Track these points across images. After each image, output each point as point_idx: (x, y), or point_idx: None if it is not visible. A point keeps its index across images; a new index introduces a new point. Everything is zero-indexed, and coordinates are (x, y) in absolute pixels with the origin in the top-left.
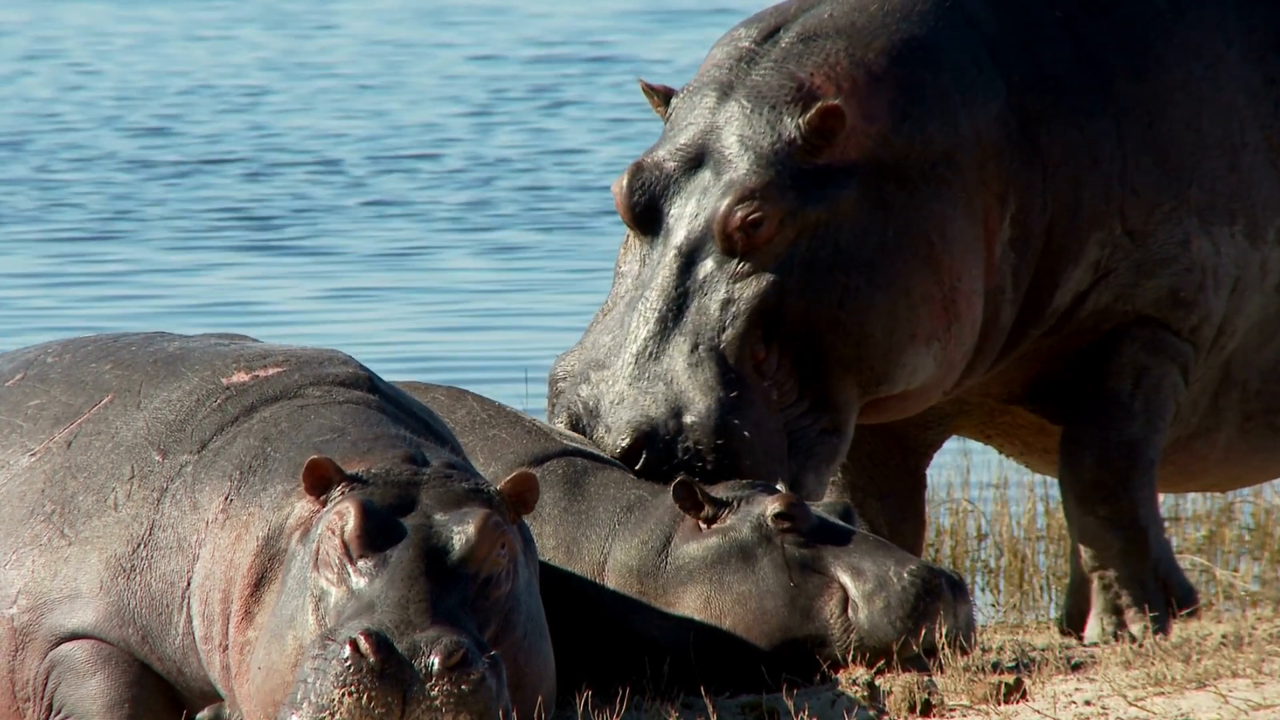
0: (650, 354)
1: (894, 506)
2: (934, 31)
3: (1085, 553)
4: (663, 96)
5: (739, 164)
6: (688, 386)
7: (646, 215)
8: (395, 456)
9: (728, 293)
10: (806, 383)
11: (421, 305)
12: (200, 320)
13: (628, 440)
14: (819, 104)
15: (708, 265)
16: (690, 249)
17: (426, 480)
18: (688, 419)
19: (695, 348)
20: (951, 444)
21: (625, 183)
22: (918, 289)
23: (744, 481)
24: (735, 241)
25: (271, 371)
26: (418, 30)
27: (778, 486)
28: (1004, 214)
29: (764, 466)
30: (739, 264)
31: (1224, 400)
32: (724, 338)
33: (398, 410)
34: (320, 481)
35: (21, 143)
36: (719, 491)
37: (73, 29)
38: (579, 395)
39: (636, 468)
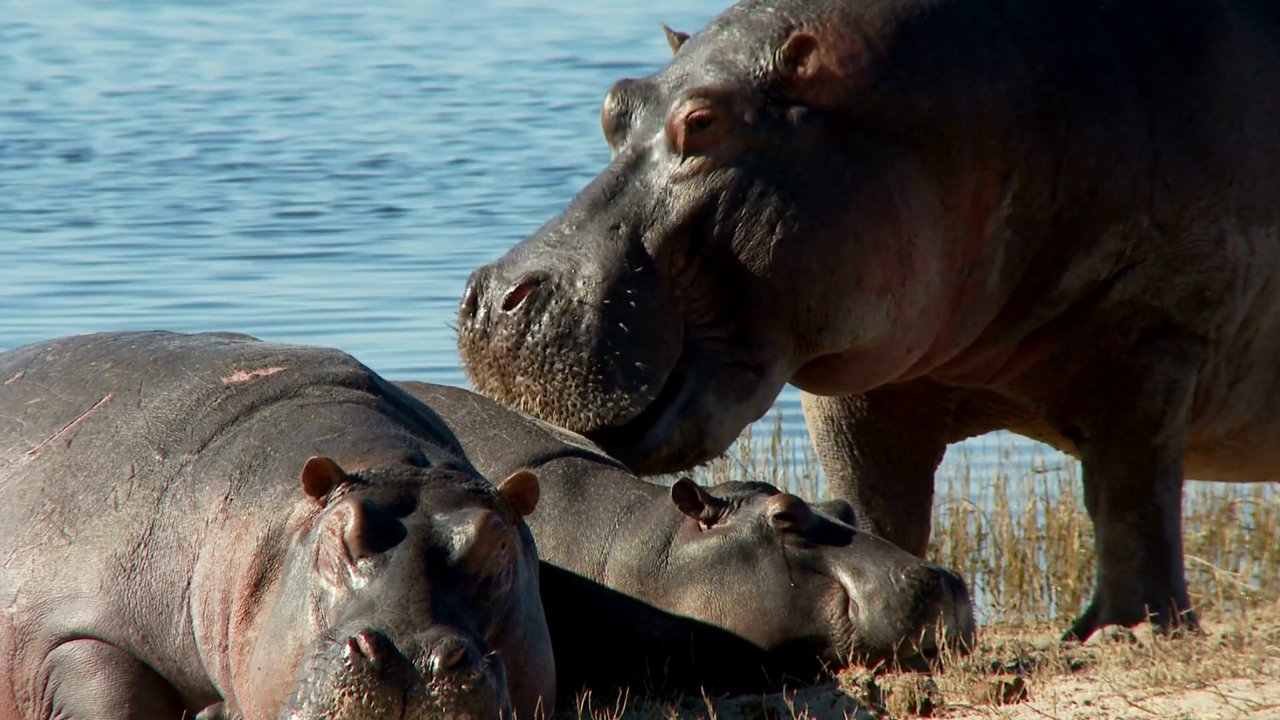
0: (571, 228)
1: (901, 506)
2: (945, 6)
3: (1108, 563)
4: (679, 39)
5: (708, 72)
6: (593, 254)
7: (618, 124)
8: (395, 457)
9: (664, 190)
10: (729, 312)
11: None
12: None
13: (516, 283)
14: (794, 33)
15: (653, 158)
16: (645, 148)
17: (426, 480)
18: (580, 275)
19: (615, 227)
20: (951, 444)
21: (607, 98)
22: (869, 236)
23: (744, 482)
24: (681, 138)
25: (272, 371)
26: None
27: (777, 487)
28: (1005, 191)
29: (641, 351)
30: (681, 162)
31: (1277, 394)
32: (649, 230)
33: (398, 410)
34: (320, 482)
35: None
36: (719, 492)
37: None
38: (491, 261)
39: (515, 310)
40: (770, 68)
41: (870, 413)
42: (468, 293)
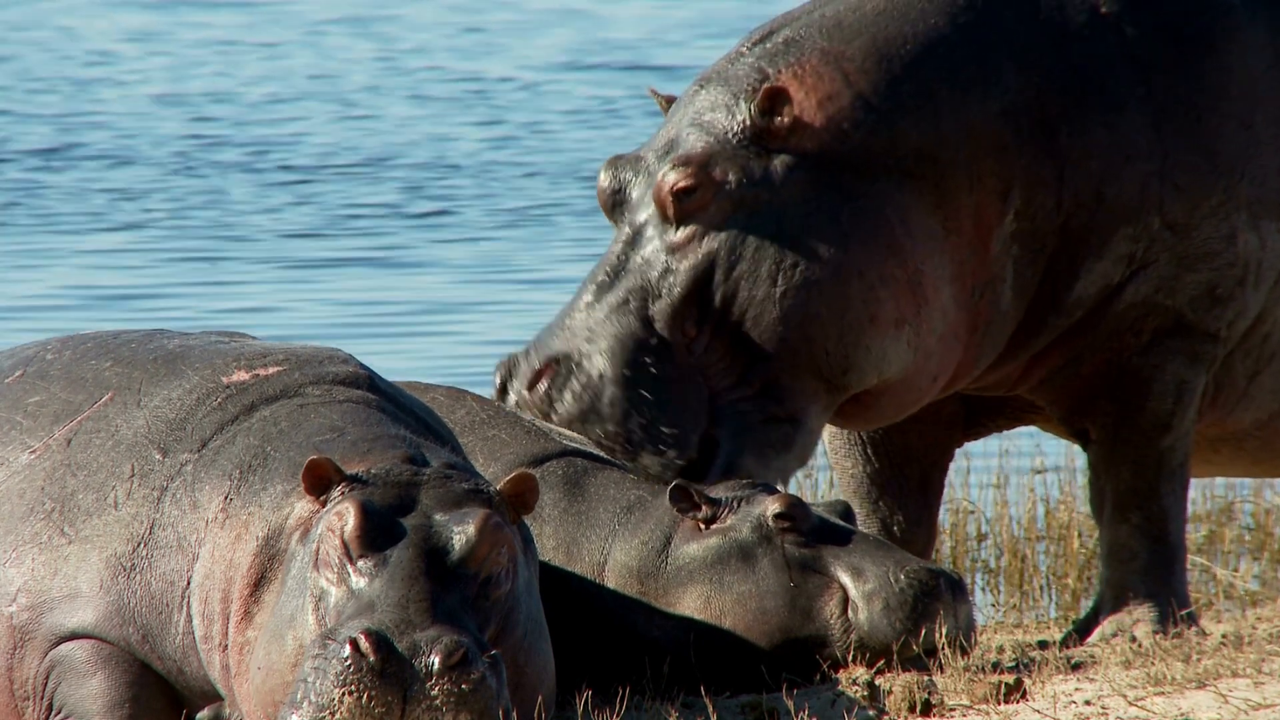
0: (584, 308)
1: (912, 506)
2: (931, 30)
3: (1111, 565)
4: (667, 102)
5: (688, 136)
6: (607, 332)
7: (615, 202)
8: (395, 456)
9: (665, 262)
10: (750, 369)
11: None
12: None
13: (538, 363)
14: (765, 85)
15: (648, 232)
16: (642, 223)
17: (426, 480)
18: (596, 353)
19: (625, 303)
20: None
21: (601, 174)
22: (875, 271)
23: (744, 481)
24: (670, 209)
25: (271, 370)
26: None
27: (778, 487)
28: (1006, 208)
29: (670, 417)
30: (675, 233)
31: None
32: (656, 304)
33: (398, 410)
34: (320, 481)
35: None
36: (717, 492)
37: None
38: (514, 351)
39: (541, 388)
40: (747, 122)
41: None
42: (498, 380)
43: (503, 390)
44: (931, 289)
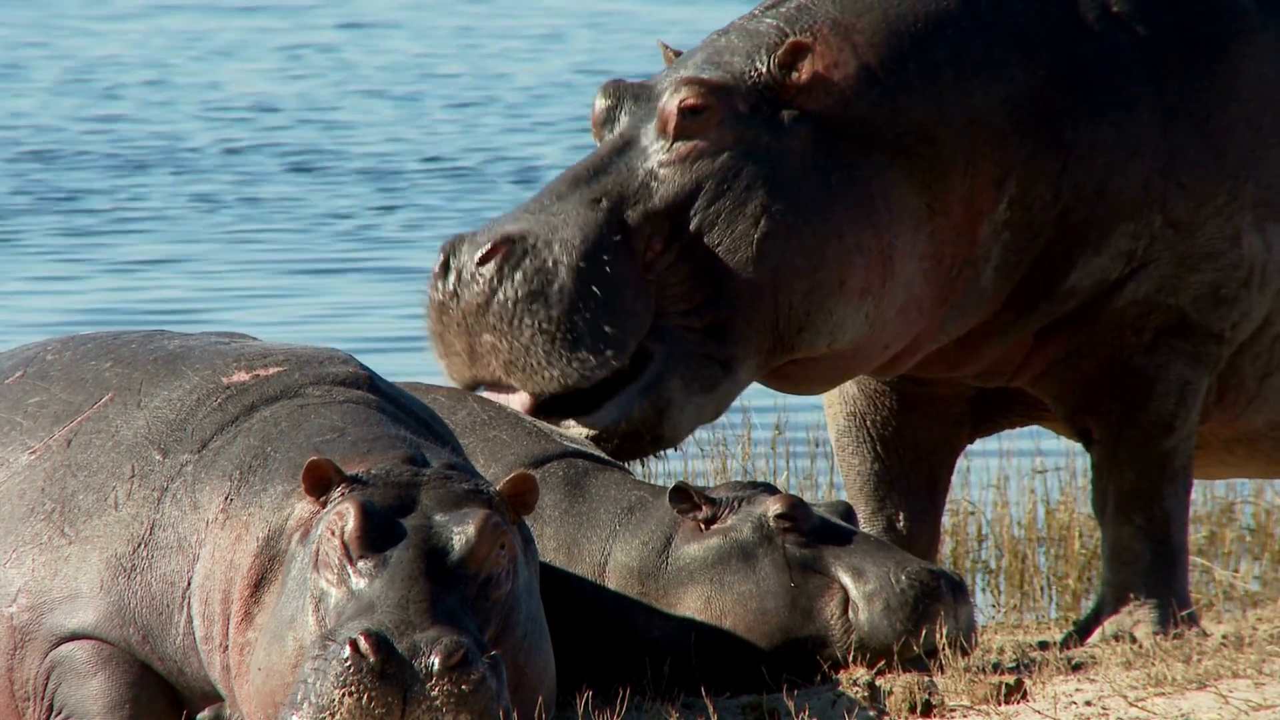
0: (552, 199)
1: (918, 503)
2: (941, 11)
3: (1113, 566)
4: (677, 57)
5: (704, 70)
6: (572, 220)
7: (606, 119)
8: (395, 457)
9: (649, 172)
10: (704, 304)
11: None
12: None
13: (491, 243)
14: (790, 39)
15: (641, 143)
16: (632, 134)
17: (426, 481)
18: (556, 240)
19: (598, 200)
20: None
21: (599, 95)
22: (853, 237)
23: (744, 481)
24: (672, 123)
25: (272, 371)
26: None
27: (778, 487)
28: (1000, 196)
29: (612, 319)
30: (670, 147)
31: None
32: (629, 209)
33: (398, 410)
34: (320, 482)
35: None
36: (719, 492)
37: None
38: (465, 229)
39: (488, 268)
40: (765, 70)
41: (899, 410)
42: (441, 257)
43: (444, 267)
44: (900, 263)
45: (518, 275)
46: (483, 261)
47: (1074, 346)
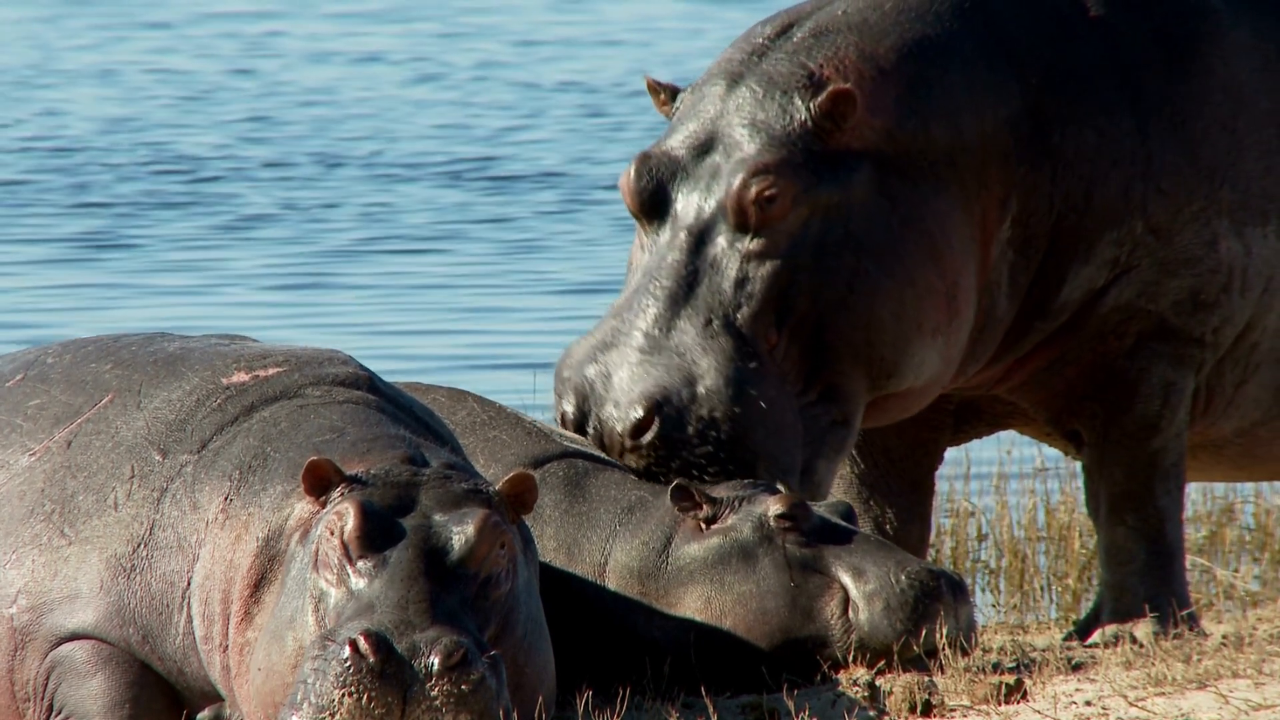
0: (661, 329)
1: (902, 507)
2: (948, 31)
3: (1109, 567)
4: (669, 93)
5: (751, 144)
6: (701, 358)
7: (654, 202)
8: (395, 457)
9: (741, 271)
10: (815, 373)
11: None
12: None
13: (639, 411)
14: (831, 87)
15: (720, 244)
16: (701, 229)
17: (426, 481)
18: (701, 388)
19: (709, 322)
20: (952, 446)
21: (632, 172)
22: (922, 280)
23: (744, 481)
24: (749, 217)
25: (271, 371)
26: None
27: (779, 486)
28: (1004, 216)
29: (777, 444)
30: (752, 241)
31: None
32: (739, 315)
33: (397, 410)
34: (319, 482)
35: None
36: (718, 492)
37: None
38: (585, 375)
39: (647, 439)
40: (807, 121)
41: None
42: (570, 411)
43: (579, 425)
44: (964, 301)
45: (679, 442)
46: (637, 433)
47: (1056, 355)
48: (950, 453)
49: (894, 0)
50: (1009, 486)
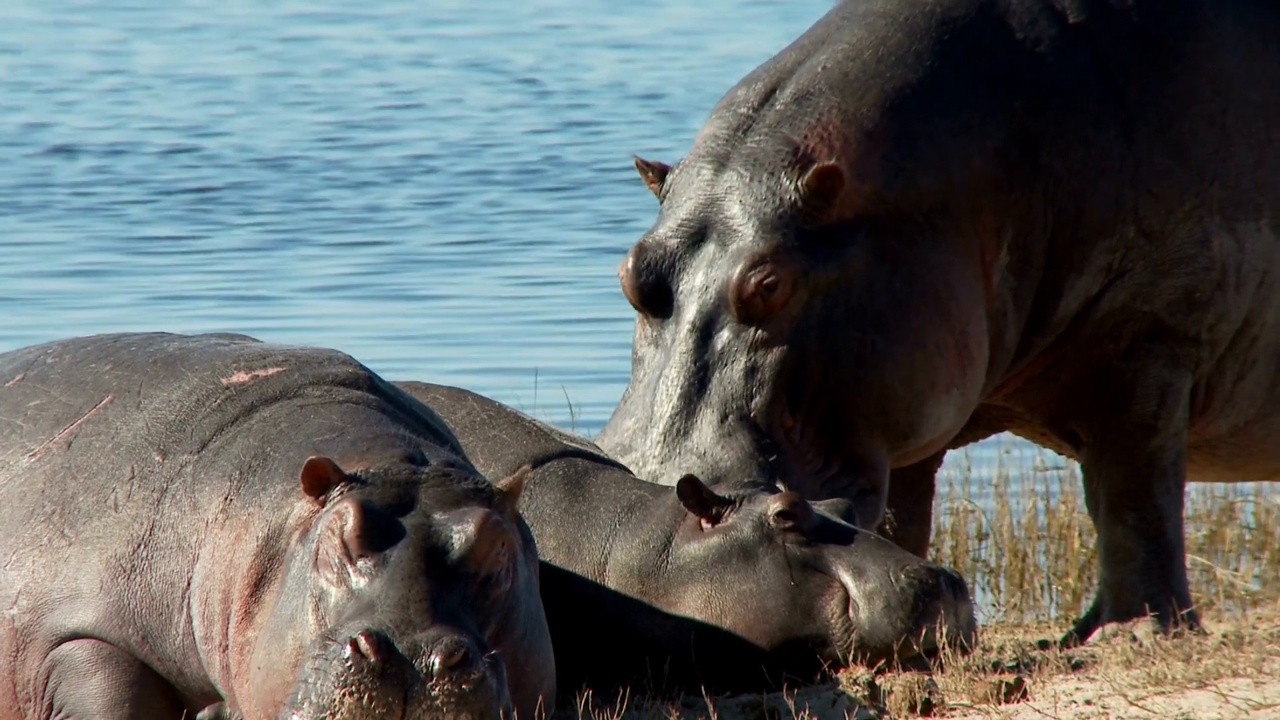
0: (677, 430)
1: (903, 506)
2: (930, 73)
3: (1109, 566)
4: (658, 173)
5: (744, 232)
6: (723, 457)
7: (655, 295)
8: (394, 456)
9: (750, 361)
10: (836, 447)
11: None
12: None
13: None
14: (815, 166)
15: (724, 336)
16: (705, 322)
17: (426, 479)
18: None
19: (724, 419)
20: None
21: (630, 265)
22: (931, 339)
23: (746, 480)
24: (752, 308)
25: (271, 371)
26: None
27: (779, 486)
28: (1001, 243)
29: None
30: (756, 331)
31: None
32: (753, 405)
33: (397, 410)
34: (319, 481)
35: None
36: (721, 491)
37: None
38: None
39: None
40: (796, 201)
41: None
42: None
43: None
44: (976, 347)
45: None
46: None
47: (1051, 362)
48: (950, 453)
49: (873, 45)
50: (1009, 485)
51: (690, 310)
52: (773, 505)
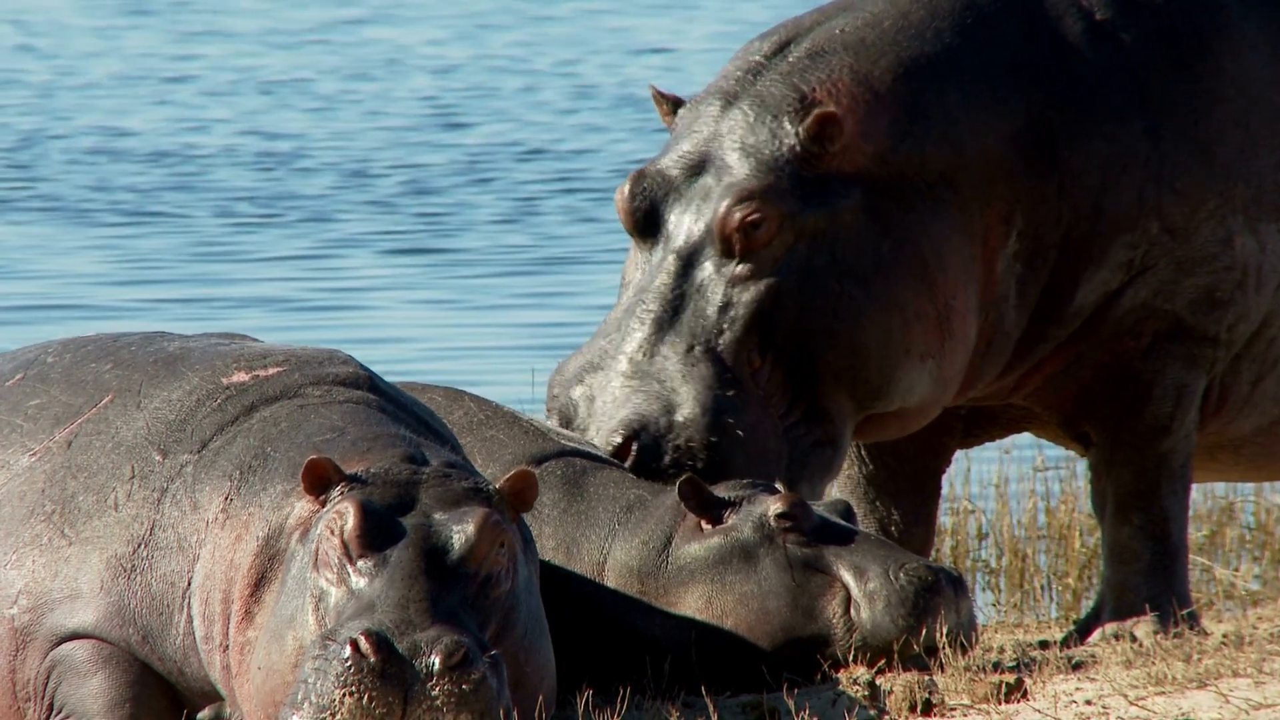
0: (645, 354)
1: (908, 507)
2: (948, 50)
3: (1113, 566)
4: (672, 105)
5: (740, 168)
6: (681, 385)
7: (647, 221)
8: (394, 456)
9: (725, 295)
10: (799, 395)
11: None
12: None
13: (618, 437)
14: (816, 111)
15: (706, 268)
16: (689, 252)
17: (426, 479)
18: (680, 416)
19: (691, 348)
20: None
21: (626, 190)
22: (911, 306)
23: (745, 481)
24: (734, 243)
25: (271, 371)
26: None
27: (778, 486)
28: (1009, 231)
29: (757, 468)
30: (737, 266)
31: None
32: (721, 340)
33: (398, 410)
34: (319, 481)
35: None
36: (721, 491)
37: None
38: (571, 396)
39: (627, 465)
40: (795, 146)
41: None
42: (556, 423)
43: None
44: (959, 323)
45: (656, 470)
46: (619, 455)
47: (1072, 359)
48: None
49: (894, 18)
50: (1009, 486)
51: (678, 239)
52: (773, 506)
